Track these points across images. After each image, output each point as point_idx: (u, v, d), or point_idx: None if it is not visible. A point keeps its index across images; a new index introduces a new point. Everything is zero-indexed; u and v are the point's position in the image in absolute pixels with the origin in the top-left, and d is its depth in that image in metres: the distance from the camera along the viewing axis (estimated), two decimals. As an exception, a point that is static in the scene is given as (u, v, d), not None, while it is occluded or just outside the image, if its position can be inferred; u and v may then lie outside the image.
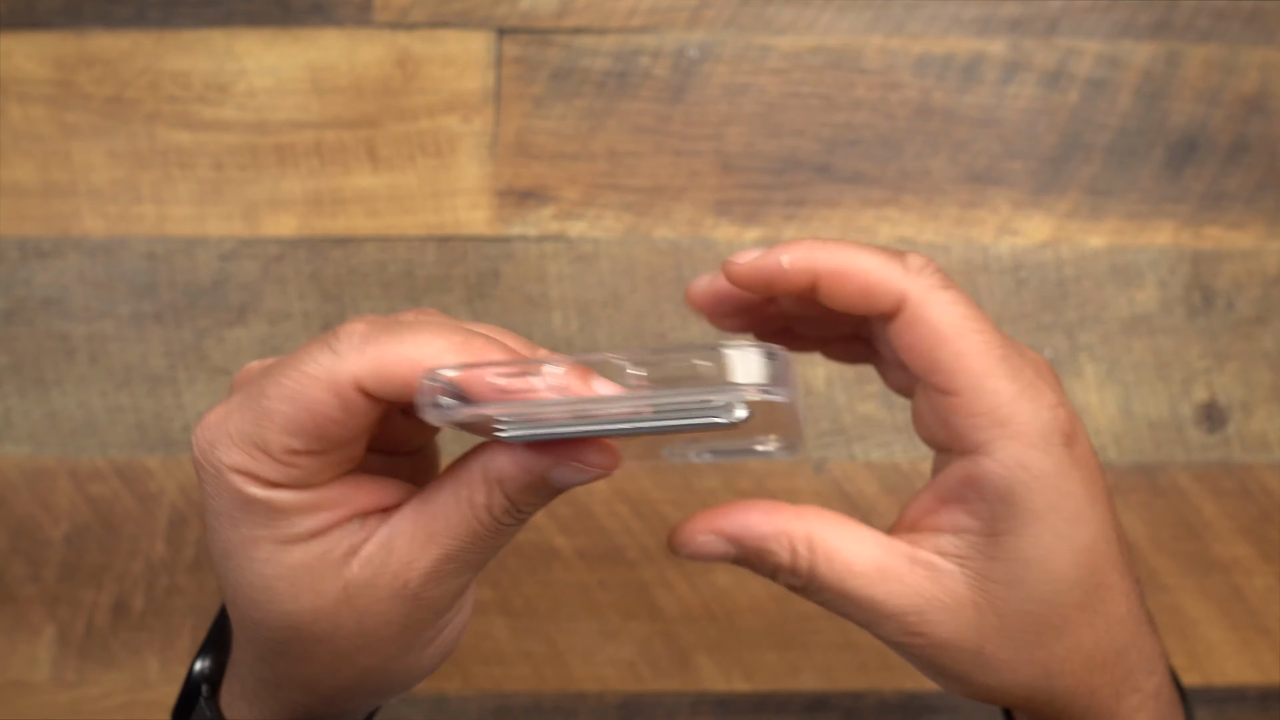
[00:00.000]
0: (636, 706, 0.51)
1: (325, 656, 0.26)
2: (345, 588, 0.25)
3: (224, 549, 0.26)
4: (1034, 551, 0.25)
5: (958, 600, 0.26)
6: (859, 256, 0.26)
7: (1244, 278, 0.51)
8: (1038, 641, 0.26)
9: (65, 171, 0.51)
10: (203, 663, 0.31)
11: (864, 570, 0.26)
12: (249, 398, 0.25)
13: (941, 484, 0.27)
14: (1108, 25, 0.51)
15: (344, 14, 0.51)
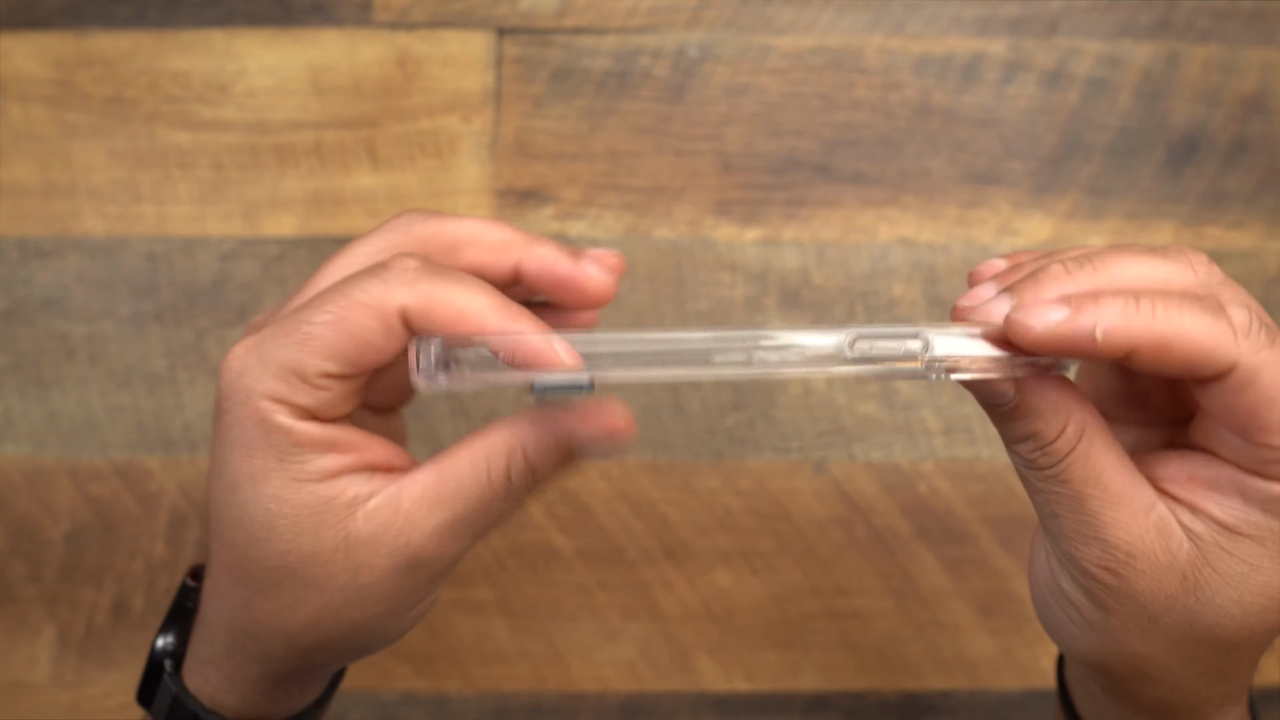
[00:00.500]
0: (636, 706, 0.51)
1: (312, 606, 0.26)
2: (346, 538, 0.26)
3: (232, 481, 0.26)
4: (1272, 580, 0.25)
5: (1171, 566, 0.25)
6: (1185, 322, 0.23)
7: (1244, 278, 0.51)
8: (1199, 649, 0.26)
9: (65, 171, 0.51)
10: (164, 639, 0.31)
11: (1110, 486, 0.25)
12: (288, 325, 0.26)
13: (1206, 467, 0.26)
14: (1108, 25, 0.51)
15: (344, 14, 0.51)
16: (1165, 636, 0.26)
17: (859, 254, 0.51)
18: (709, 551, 0.51)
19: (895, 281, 0.51)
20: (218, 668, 0.29)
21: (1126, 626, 0.26)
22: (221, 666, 0.29)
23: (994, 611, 0.51)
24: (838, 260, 0.51)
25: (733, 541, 0.51)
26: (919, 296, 0.51)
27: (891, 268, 0.51)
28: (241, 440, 0.26)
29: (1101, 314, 0.23)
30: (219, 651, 0.29)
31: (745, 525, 0.51)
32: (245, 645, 0.28)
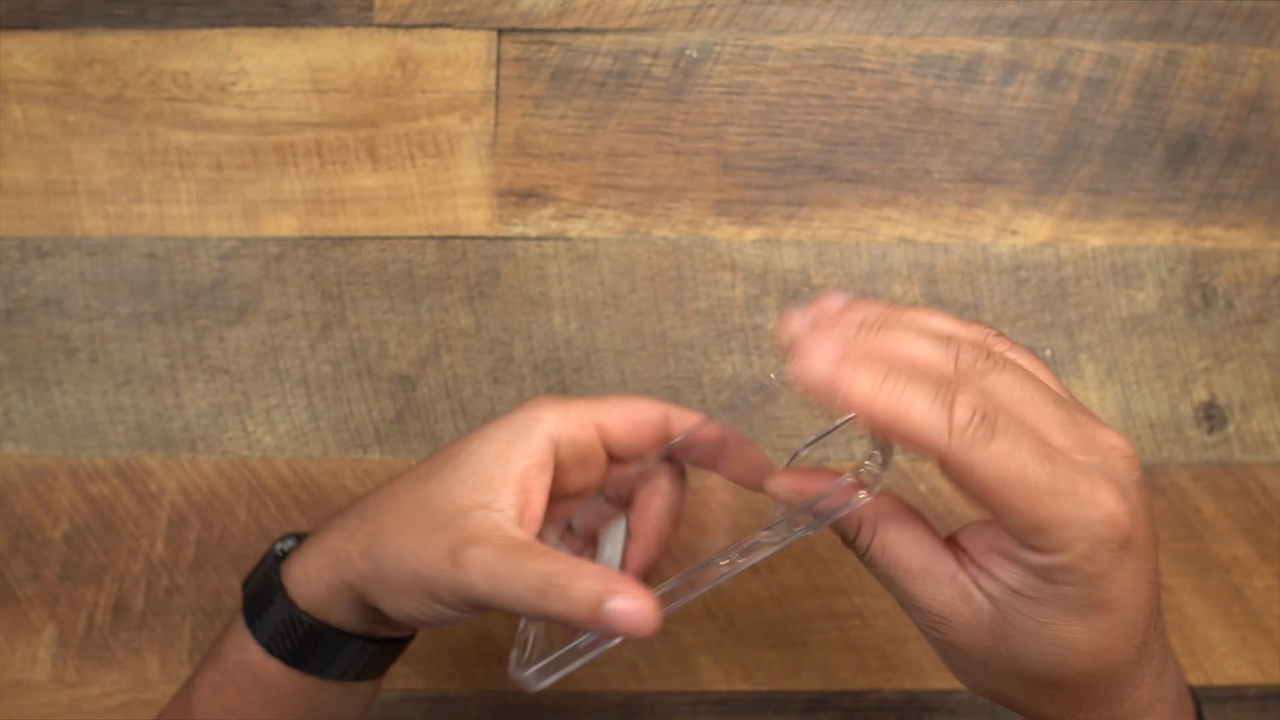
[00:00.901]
0: (636, 706, 0.51)
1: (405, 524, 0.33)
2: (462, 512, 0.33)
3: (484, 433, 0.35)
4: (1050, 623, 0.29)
5: (979, 624, 0.30)
6: (908, 410, 0.27)
7: (1244, 278, 0.51)
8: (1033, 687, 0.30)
9: (65, 171, 0.51)
10: (283, 544, 0.38)
11: (911, 567, 0.30)
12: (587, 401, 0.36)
13: (999, 538, 0.29)
14: (1107, 25, 0.51)
15: (344, 14, 0.51)
16: (1002, 678, 0.30)
17: (859, 254, 0.51)
18: (709, 552, 0.51)
19: (895, 281, 0.51)
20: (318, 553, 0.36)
21: (972, 671, 0.31)
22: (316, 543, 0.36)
23: (994, 611, 0.51)
24: (837, 260, 0.51)
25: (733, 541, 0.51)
26: (919, 296, 0.51)
27: (891, 267, 0.51)
28: (506, 420, 0.35)
29: (851, 387, 0.28)
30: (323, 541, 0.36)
31: (745, 525, 0.51)
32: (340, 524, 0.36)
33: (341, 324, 0.51)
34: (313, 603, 0.35)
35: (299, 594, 0.35)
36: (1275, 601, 0.51)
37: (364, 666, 0.37)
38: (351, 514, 0.36)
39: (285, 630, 0.36)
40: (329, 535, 0.36)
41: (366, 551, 0.34)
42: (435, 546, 0.33)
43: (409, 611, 0.33)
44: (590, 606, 0.30)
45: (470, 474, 0.34)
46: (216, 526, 0.50)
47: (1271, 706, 0.51)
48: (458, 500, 0.33)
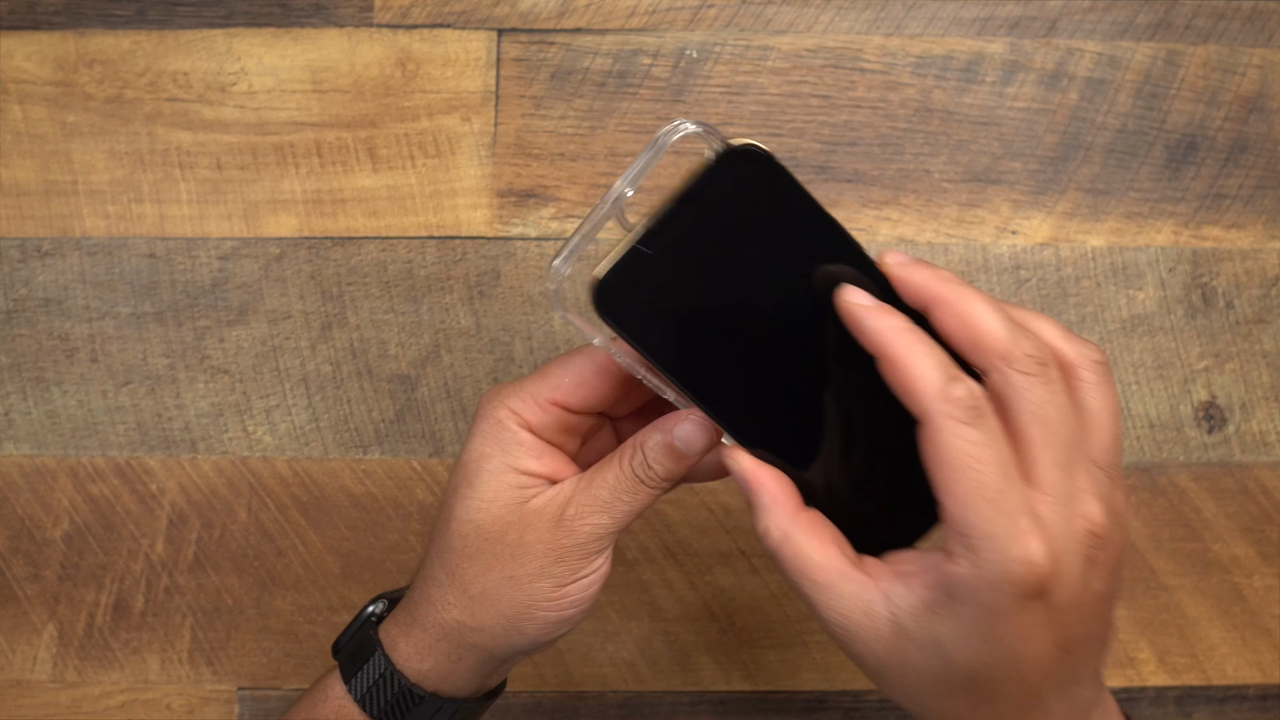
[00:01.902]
0: (636, 706, 0.51)
1: (486, 555, 0.35)
2: (523, 507, 0.35)
3: (467, 459, 0.35)
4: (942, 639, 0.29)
5: (877, 638, 0.31)
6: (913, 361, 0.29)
7: (1243, 278, 0.51)
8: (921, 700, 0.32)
9: (66, 171, 0.51)
10: (374, 606, 0.39)
11: (816, 580, 0.31)
12: (537, 370, 0.36)
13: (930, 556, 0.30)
14: (1107, 25, 0.51)
15: (344, 14, 0.51)
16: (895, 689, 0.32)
17: (859, 254, 0.51)
18: (709, 551, 0.51)
19: (895, 281, 0.51)
20: (407, 614, 0.37)
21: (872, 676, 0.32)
22: (409, 614, 0.37)
23: (994, 611, 0.51)
24: (837, 260, 0.51)
25: (733, 541, 0.51)
26: (919, 296, 0.51)
27: (891, 268, 0.51)
28: (482, 433, 0.35)
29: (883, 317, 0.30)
30: (412, 602, 0.37)
31: (745, 525, 0.51)
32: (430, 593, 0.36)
33: (341, 324, 0.51)
34: (431, 678, 0.37)
35: (414, 670, 0.37)
36: (1275, 601, 0.51)
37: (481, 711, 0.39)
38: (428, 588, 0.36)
39: (399, 703, 0.37)
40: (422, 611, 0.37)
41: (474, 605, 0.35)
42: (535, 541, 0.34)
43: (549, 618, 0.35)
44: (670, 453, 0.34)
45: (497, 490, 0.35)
46: (216, 526, 0.50)
47: (1271, 706, 0.51)
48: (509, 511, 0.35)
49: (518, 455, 0.35)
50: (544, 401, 0.35)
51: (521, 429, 0.35)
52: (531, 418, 0.35)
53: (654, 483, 0.34)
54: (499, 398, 0.36)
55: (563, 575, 0.35)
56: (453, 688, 0.37)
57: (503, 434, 0.35)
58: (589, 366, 0.35)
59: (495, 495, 0.35)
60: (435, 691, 0.37)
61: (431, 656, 0.36)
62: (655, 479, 0.34)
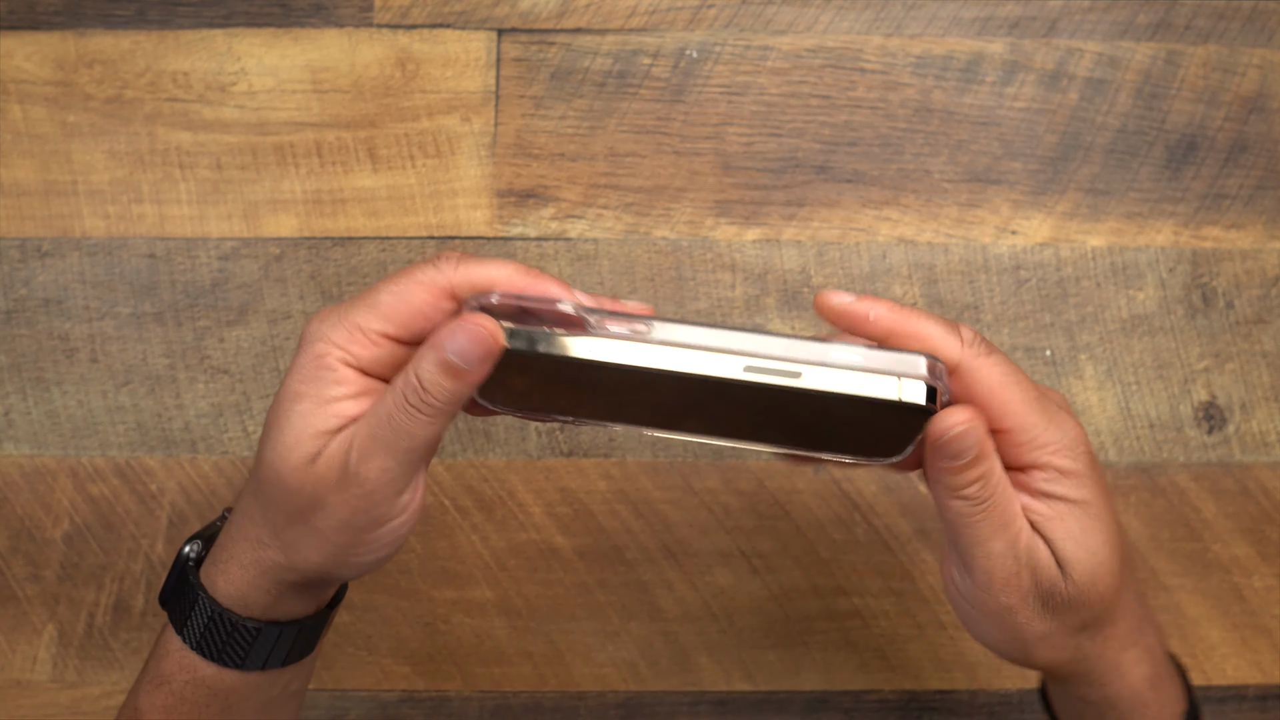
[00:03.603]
0: (636, 706, 0.51)
1: (288, 504, 0.33)
2: (317, 456, 0.32)
3: (282, 395, 0.33)
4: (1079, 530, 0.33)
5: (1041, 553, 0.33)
6: (925, 323, 0.33)
7: (1243, 278, 0.51)
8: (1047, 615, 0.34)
9: (65, 171, 0.51)
10: (191, 546, 0.37)
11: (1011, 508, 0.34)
12: (363, 296, 0.33)
13: None
14: (1107, 25, 0.51)
15: (344, 14, 0.51)
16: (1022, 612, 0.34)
17: (859, 254, 0.51)
18: (709, 551, 0.51)
19: (895, 281, 0.51)
20: (225, 552, 0.35)
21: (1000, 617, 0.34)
22: (228, 551, 0.35)
23: (994, 611, 0.51)
24: (837, 260, 0.51)
25: (733, 541, 0.51)
26: (918, 296, 0.51)
27: (891, 267, 0.51)
28: (299, 368, 0.33)
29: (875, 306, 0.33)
30: (229, 539, 0.35)
31: (745, 525, 0.51)
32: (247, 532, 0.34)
33: (341, 324, 0.51)
34: (257, 610, 0.35)
35: (237, 607, 0.35)
36: (1275, 601, 0.51)
37: (316, 636, 0.37)
38: (241, 521, 0.35)
39: (234, 640, 0.35)
40: (237, 547, 0.35)
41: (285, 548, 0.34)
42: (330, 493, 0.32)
43: (363, 560, 0.34)
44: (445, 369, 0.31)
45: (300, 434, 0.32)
46: (216, 526, 0.50)
47: (1271, 706, 0.51)
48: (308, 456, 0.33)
49: (333, 398, 0.32)
50: (373, 335, 0.32)
51: (342, 366, 0.32)
52: (359, 352, 0.32)
53: (433, 409, 0.32)
54: (323, 328, 0.33)
55: (365, 524, 0.33)
56: (284, 614, 0.35)
57: (320, 372, 0.32)
58: (422, 293, 0.32)
59: (298, 442, 0.32)
60: (270, 620, 0.35)
61: (253, 592, 0.34)
62: (434, 405, 0.31)
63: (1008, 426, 0.33)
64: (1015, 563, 0.33)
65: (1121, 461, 0.51)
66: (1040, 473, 0.33)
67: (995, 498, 0.33)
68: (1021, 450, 0.33)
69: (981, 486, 0.32)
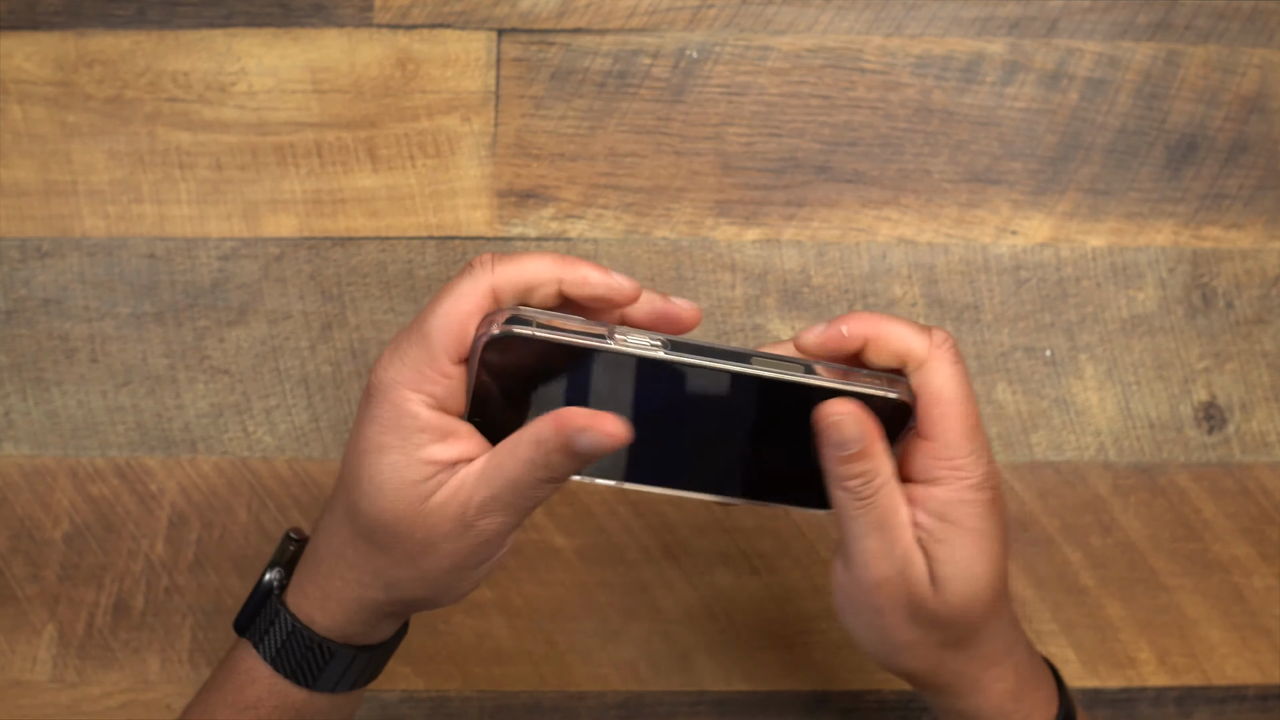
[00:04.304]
0: (636, 706, 0.51)
1: (396, 550, 0.34)
2: (425, 505, 0.33)
3: (365, 448, 0.34)
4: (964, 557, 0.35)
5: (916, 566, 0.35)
6: (898, 327, 0.35)
7: (1243, 278, 0.51)
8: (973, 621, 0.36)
9: (65, 171, 0.51)
10: (272, 574, 0.38)
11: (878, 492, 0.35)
12: (413, 328, 0.33)
13: None
14: (1107, 25, 0.51)
15: (344, 14, 0.51)
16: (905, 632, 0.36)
17: (859, 254, 0.51)
18: (709, 551, 0.51)
19: (895, 281, 0.51)
20: (318, 588, 0.36)
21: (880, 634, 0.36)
22: (321, 589, 0.36)
23: (994, 611, 0.51)
24: (837, 260, 0.51)
25: (733, 541, 0.51)
26: (919, 296, 0.51)
27: (891, 268, 0.51)
28: (379, 417, 0.33)
29: (848, 321, 0.35)
30: (321, 575, 0.36)
31: (745, 525, 0.51)
32: (345, 575, 0.36)
33: (341, 324, 0.51)
34: (355, 639, 0.37)
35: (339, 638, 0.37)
36: (1275, 601, 0.51)
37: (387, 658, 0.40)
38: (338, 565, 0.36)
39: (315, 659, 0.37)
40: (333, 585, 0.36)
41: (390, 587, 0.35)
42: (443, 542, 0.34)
43: (462, 592, 0.36)
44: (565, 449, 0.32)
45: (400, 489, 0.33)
46: (216, 526, 0.50)
47: (1271, 706, 0.51)
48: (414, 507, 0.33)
49: (421, 444, 0.33)
50: (441, 368, 0.33)
51: (424, 410, 0.33)
52: (433, 390, 0.33)
53: (557, 481, 0.33)
54: (390, 374, 0.33)
55: (472, 566, 0.35)
56: (367, 640, 0.38)
57: (403, 420, 0.33)
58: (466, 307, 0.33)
59: (399, 493, 0.33)
60: (347, 642, 0.37)
61: (352, 626, 0.36)
62: (559, 479, 0.33)
63: (935, 436, 0.34)
64: (890, 567, 0.34)
65: (1121, 461, 0.51)
66: (944, 491, 0.34)
67: (877, 499, 0.34)
68: (938, 464, 0.34)
69: (863, 484, 0.34)
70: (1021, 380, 0.51)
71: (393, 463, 0.33)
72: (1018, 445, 0.51)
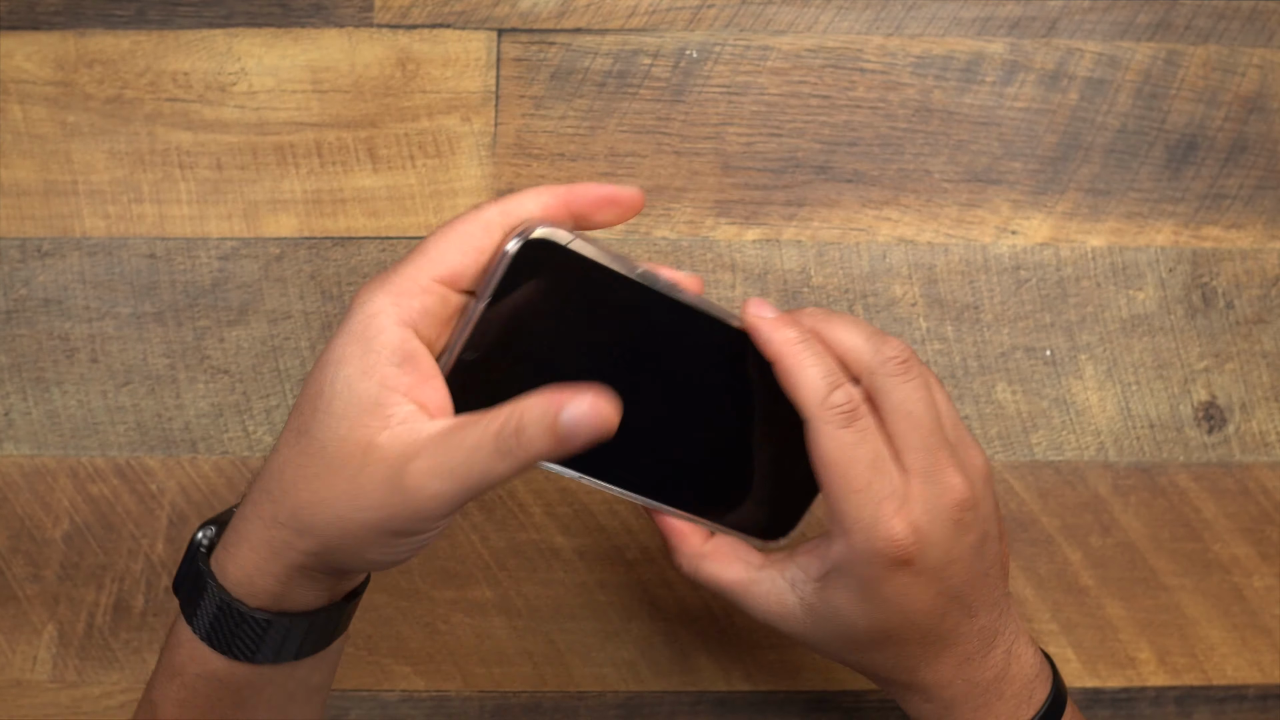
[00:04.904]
0: (636, 706, 0.51)
1: (319, 484, 0.31)
2: (371, 441, 0.30)
3: (325, 359, 0.32)
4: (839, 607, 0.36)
5: (794, 616, 0.37)
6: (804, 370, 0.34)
7: (1244, 278, 0.51)
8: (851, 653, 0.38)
9: (65, 171, 0.51)
10: (203, 532, 0.36)
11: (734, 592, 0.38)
12: (411, 252, 0.32)
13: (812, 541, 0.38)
14: (1107, 25, 0.51)
15: (344, 14, 0.51)
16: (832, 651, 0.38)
17: (859, 254, 0.51)
18: (709, 551, 0.51)
19: (895, 281, 0.51)
20: (235, 534, 0.34)
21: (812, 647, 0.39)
22: (237, 532, 0.34)
23: (994, 611, 0.51)
24: (837, 260, 0.51)
25: (733, 541, 0.51)
26: (919, 296, 0.51)
27: (891, 267, 0.51)
28: (347, 328, 0.31)
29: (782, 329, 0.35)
30: (242, 520, 0.34)
31: (745, 525, 0.51)
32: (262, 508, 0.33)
33: (341, 324, 0.51)
34: (266, 598, 0.33)
35: (245, 594, 0.33)
36: (1275, 601, 0.51)
37: (331, 631, 0.36)
38: (259, 499, 0.33)
39: (242, 633, 0.33)
40: (249, 527, 0.33)
41: (301, 531, 0.32)
42: (371, 491, 0.30)
43: (379, 559, 0.32)
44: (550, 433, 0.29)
45: (348, 406, 0.31)
46: (216, 526, 0.50)
47: (1271, 706, 0.51)
48: (354, 438, 0.30)
49: (378, 362, 0.31)
50: (425, 282, 0.31)
51: (391, 324, 0.31)
52: (410, 305, 0.31)
53: (520, 461, 0.30)
54: (371, 290, 0.31)
55: (394, 532, 0.31)
56: (295, 604, 0.34)
57: (368, 332, 0.31)
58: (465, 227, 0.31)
59: (346, 410, 0.30)
60: (281, 611, 0.33)
61: (262, 577, 0.33)
62: (523, 458, 0.30)
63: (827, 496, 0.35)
64: None
65: (1121, 461, 0.51)
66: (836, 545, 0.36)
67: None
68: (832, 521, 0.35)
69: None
70: (1021, 380, 0.51)
71: (347, 376, 0.31)
72: (1018, 445, 0.51)
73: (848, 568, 0.35)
